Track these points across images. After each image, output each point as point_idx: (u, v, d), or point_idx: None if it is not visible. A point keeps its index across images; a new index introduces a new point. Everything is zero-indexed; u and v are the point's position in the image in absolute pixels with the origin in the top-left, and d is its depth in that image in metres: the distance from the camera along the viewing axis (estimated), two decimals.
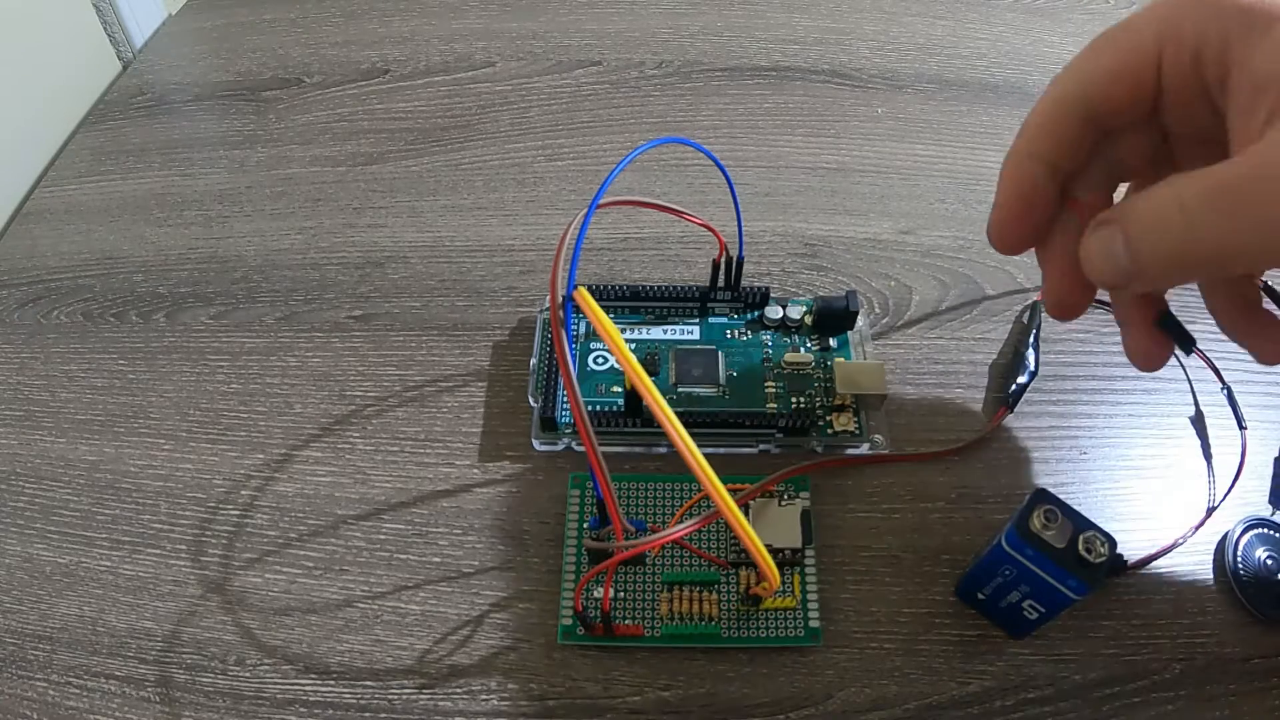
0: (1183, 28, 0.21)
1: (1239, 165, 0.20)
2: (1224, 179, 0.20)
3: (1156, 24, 0.22)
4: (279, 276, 0.38)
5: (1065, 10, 0.52)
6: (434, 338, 0.36)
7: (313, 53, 0.49)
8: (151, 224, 0.41)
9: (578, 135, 0.44)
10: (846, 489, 0.31)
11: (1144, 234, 0.21)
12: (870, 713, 0.26)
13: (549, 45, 0.49)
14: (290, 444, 0.32)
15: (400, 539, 0.30)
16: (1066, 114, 0.23)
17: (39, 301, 0.38)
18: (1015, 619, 0.26)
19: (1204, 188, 0.20)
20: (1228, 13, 0.21)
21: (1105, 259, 0.22)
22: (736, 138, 0.44)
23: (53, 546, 0.30)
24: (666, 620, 0.27)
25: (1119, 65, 0.23)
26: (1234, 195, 0.19)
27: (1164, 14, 0.22)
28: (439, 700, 0.26)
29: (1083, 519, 0.24)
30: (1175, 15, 0.22)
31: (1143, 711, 0.26)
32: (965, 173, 0.42)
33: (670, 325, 0.35)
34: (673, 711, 0.26)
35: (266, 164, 0.43)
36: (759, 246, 0.38)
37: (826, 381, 0.33)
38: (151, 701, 0.27)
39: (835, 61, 0.48)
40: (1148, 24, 0.22)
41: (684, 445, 0.20)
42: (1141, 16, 0.23)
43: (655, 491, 0.30)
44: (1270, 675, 0.27)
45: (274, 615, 0.28)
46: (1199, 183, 0.20)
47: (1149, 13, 0.22)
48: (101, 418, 0.33)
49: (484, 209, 0.41)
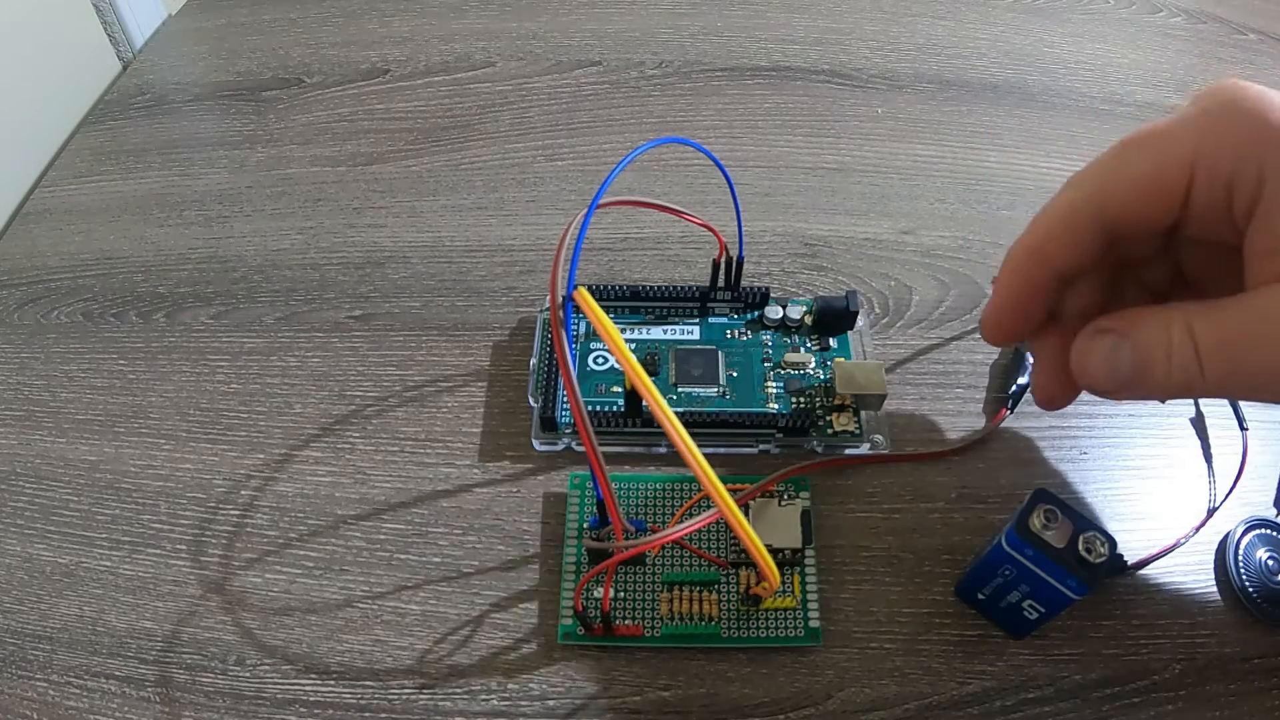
0: (1221, 150, 0.20)
1: (1255, 315, 0.20)
2: (1242, 329, 0.20)
3: (1195, 138, 0.20)
4: (279, 276, 0.38)
5: (1065, 10, 0.52)
6: (434, 338, 0.36)
7: (313, 53, 0.49)
8: (151, 224, 0.41)
9: (578, 135, 0.44)
10: (846, 489, 0.31)
11: (1154, 360, 0.20)
12: (870, 713, 0.26)
13: (549, 45, 0.49)
14: (290, 444, 0.32)
15: (400, 539, 0.30)
16: (1081, 221, 0.22)
17: (39, 301, 0.38)
18: (1015, 619, 0.26)
19: (1221, 337, 0.20)
20: (1271, 144, 0.19)
21: (1106, 369, 0.21)
22: (736, 138, 0.44)
23: (53, 546, 0.30)
24: (666, 620, 0.27)
25: (1148, 178, 0.21)
26: (1249, 348, 0.19)
27: (1204, 129, 0.20)
28: (439, 700, 0.26)
29: (1083, 519, 0.24)
30: (1216, 134, 0.20)
31: (1143, 711, 0.26)
32: (965, 173, 0.42)
33: (670, 325, 0.35)
34: (673, 711, 0.26)
35: (266, 164, 0.43)
36: (759, 246, 0.38)
37: (826, 381, 0.33)
38: (151, 701, 0.27)
39: (835, 61, 0.48)
40: (1186, 136, 0.21)
41: (684, 445, 0.20)
42: (1181, 127, 0.21)
43: (655, 491, 0.30)
44: (1270, 675, 0.27)
45: (274, 615, 0.28)
46: (1215, 328, 0.20)
47: (1189, 125, 0.21)
48: (101, 418, 0.33)
49: (484, 209, 0.41)
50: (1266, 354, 0.19)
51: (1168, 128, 0.21)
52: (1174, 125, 0.21)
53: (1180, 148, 0.20)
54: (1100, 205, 0.22)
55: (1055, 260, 0.22)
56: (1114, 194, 0.21)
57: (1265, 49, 0.50)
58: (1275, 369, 0.20)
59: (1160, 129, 0.21)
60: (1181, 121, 0.21)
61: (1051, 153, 0.43)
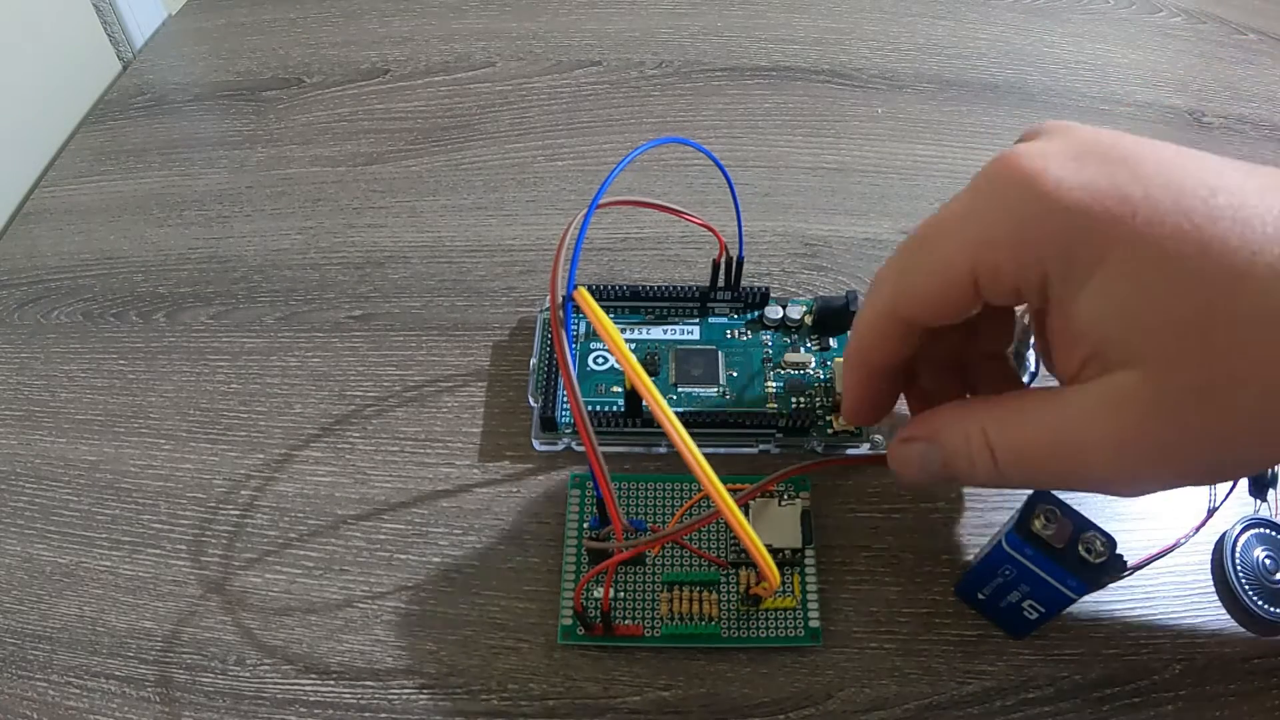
0: (999, 264, 0.19)
1: (1046, 426, 0.20)
2: (1033, 439, 0.20)
3: (974, 232, 0.20)
4: (279, 276, 0.38)
5: (1065, 10, 0.52)
6: (434, 338, 0.36)
7: (313, 53, 0.49)
8: (151, 224, 0.41)
9: (578, 135, 0.44)
10: (846, 489, 0.31)
11: (958, 464, 0.22)
12: (870, 713, 0.26)
13: (549, 45, 0.49)
14: (290, 444, 0.32)
15: (400, 539, 0.30)
16: (887, 325, 0.22)
17: (39, 301, 0.38)
18: (1015, 619, 0.26)
19: (1014, 446, 0.21)
20: (1048, 252, 0.19)
21: (920, 470, 0.23)
22: (736, 138, 0.44)
23: (53, 546, 0.30)
24: (666, 620, 0.27)
25: (933, 286, 0.21)
26: (1041, 459, 0.20)
27: (980, 221, 0.20)
28: (439, 700, 0.26)
29: (1083, 519, 0.24)
30: (990, 246, 0.19)
31: (1143, 711, 0.26)
32: (965, 173, 0.41)
33: (670, 325, 0.35)
34: (673, 711, 0.26)
35: (266, 164, 0.43)
36: (759, 246, 0.38)
37: (826, 381, 0.33)
38: (151, 701, 0.27)
39: (835, 61, 0.48)
40: (963, 233, 0.20)
41: (684, 445, 0.20)
42: (957, 221, 0.20)
43: (655, 491, 0.30)
44: (1270, 675, 0.27)
45: (274, 615, 0.28)
46: (1009, 435, 0.21)
47: (966, 218, 0.20)
48: (101, 418, 0.33)
49: (484, 209, 0.41)
50: (1056, 467, 0.20)
51: (946, 223, 0.21)
52: (951, 219, 0.21)
53: (957, 250, 0.20)
54: (896, 312, 0.22)
55: (878, 360, 0.24)
56: (906, 301, 0.22)
57: (1265, 49, 0.50)
58: (1067, 478, 0.21)
59: (942, 224, 0.21)
60: (958, 214, 0.21)
61: None
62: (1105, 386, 0.19)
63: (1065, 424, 0.19)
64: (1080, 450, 0.19)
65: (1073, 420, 0.19)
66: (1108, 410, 0.19)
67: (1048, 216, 0.18)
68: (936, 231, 0.21)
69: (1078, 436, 0.19)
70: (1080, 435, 0.19)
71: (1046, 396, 0.20)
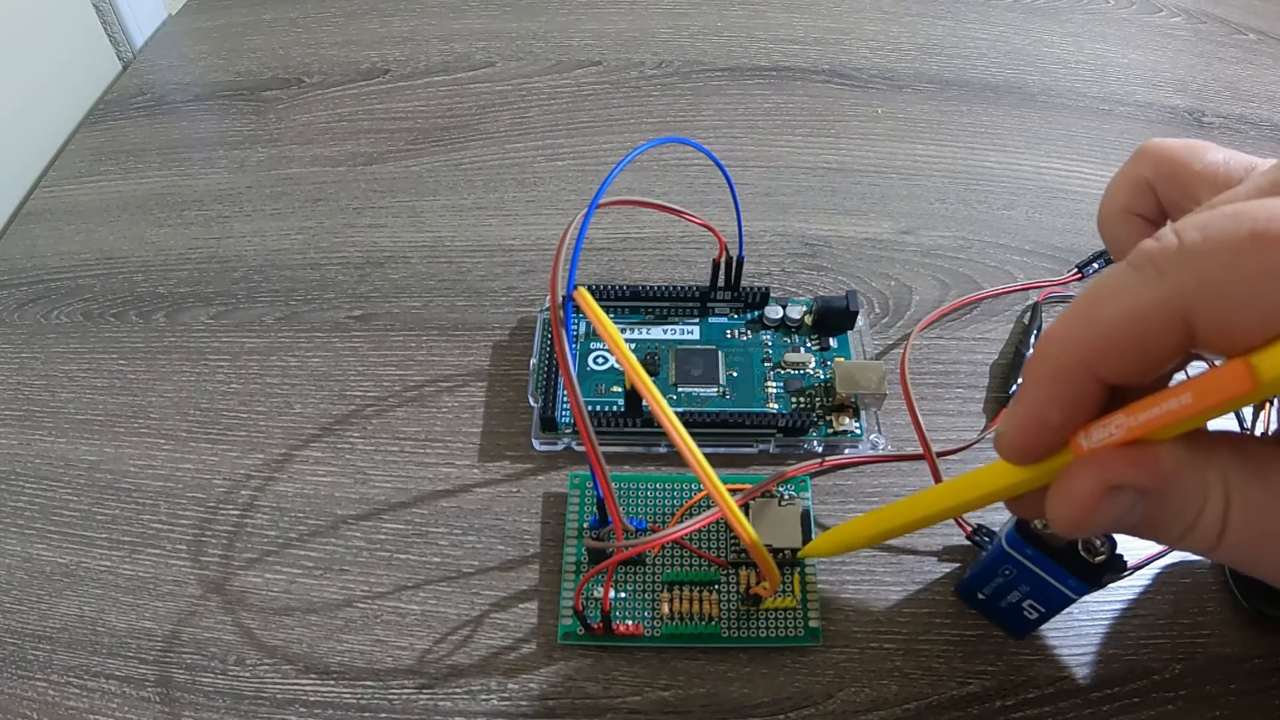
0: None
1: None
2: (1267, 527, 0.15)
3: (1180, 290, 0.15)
4: (279, 276, 0.38)
5: (1065, 10, 0.52)
6: (434, 338, 0.36)
7: (313, 53, 0.49)
8: (151, 224, 0.41)
9: (578, 135, 0.44)
10: (846, 489, 0.31)
11: (1172, 526, 0.16)
12: (870, 713, 0.26)
13: (549, 45, 0.49)
14: (290, 444, 0.32)
15: (400, 539, 0.30)
16: (1073, 382, 0.17)
17: (39, 301, 0.38)
18: (1015, 619, 0.26)
19: (1254, 520, 0.15)
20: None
21: (1114, 522, 0.16)
22: (736, 138, 0.44)
23: (53, 546, 0.30)
24: (666, 620, 0.27)
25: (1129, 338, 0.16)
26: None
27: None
28: (439, 700, 0.26)
29: None
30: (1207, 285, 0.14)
31: (1143, 711, 0.26)
32: (965, 173, 0.42)
33: (670, 325, 0.35)
34: (673, 711, 0.26)
35: (266, 164, 0.43)
36: (759, 246, 0.38)
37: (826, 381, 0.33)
38: (151, 701, 0.27)
39: (835, 61, 0.48)
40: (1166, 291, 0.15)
41: (684, 445, 0.20)
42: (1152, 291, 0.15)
43: (655, 491, 0.30)
44: (1270, 675, 0.27)
45: (274, 615, 0.28)
46: (1254, 499, 0.15)
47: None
48: (101, 418, 0.33)
49: (484, 209, 0.41)
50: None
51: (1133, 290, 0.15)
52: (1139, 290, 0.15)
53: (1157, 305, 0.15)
54: (1087, 366, 0.16)
55: (1059, 422, 0.17)
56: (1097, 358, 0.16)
57: (1265, 49, 0.50)
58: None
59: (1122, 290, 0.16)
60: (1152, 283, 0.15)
61: (1051, 153, 0.43)
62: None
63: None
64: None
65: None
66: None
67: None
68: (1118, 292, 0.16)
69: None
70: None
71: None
